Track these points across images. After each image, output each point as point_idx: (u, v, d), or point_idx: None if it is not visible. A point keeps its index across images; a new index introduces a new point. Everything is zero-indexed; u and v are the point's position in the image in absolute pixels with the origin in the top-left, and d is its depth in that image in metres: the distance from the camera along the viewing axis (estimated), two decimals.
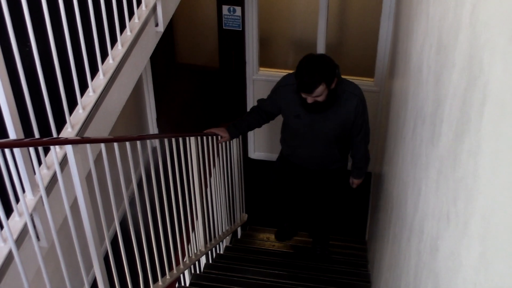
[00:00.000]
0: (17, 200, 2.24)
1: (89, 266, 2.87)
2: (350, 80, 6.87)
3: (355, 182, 4.68)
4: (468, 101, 1.18)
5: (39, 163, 2.37)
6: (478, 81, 1.10)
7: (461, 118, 1.24)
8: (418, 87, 2.25)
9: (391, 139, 3.77)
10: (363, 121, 4.09)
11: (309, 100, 3.78)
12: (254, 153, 7.13)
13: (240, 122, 4.47)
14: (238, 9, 6.37)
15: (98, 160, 2.74)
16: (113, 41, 2.93)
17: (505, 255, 0.82)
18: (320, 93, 3.69)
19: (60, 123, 2.52)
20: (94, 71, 2.76)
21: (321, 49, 6.43)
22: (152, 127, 7.08)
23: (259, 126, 4.55)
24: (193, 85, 7.70)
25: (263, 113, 4.40)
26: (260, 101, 4.43)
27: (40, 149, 2.38)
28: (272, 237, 5.67)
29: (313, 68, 3.64)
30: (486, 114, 1.02)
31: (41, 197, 2.30)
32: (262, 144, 7.01)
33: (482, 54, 1.09)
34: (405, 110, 2.82)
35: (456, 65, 1.38)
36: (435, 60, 1.79)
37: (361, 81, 6.53)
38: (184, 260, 4.22)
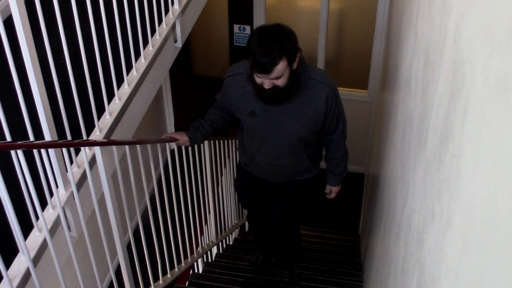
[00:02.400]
0: (51, 194, 2.25)
1: (113, 254, 2.87)
2: (347, 91, 6.81)
3: (333, 190, 3.48)
4: (451, 111, 1.18)
5: (71, 162, 2.38)
6: (461, 93, 1.10)
7: (445, 126, 1.24)
8: (407, 98, 2.24)
9: (383, 144, 3.77)
10: (339, 114, 2.99)
11: (267, 84, 2.61)
12: None
13: (201, 122, 3.21)
14: (248, 28, 6.40)
15: (122, 160, 2.74)
16: (137, 55, 2.94)
17: (484, 246, 0.82)
18: (280, 73, 2.56)
19: (90, 127, 2.53)
20: (120, 81, 2.77)
21: (320, 63, 6.43)
22: (170, 132, 7.09)
23: (226, 124, 3.31)
24: (207, 94, 7.72)
25: (222, 109, 3.22)
26: (216, 95, 3.26)
27: (72, 149, 2.39)
28: None
29: (271, 40, 2.52)
30: (468, 122, 1.02)
31: (72, 192, 2.31)
32: None
33: (465, 69, 1.09)
34: (395, 118, 2.81)
35: (441, 79, 1.38)
36: (422, 74, 1.79)
37: (356, 93, 6.56)
38: (198, 249, 4.23)
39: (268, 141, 3.02)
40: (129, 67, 2.86)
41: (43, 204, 2.23)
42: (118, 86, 2.75)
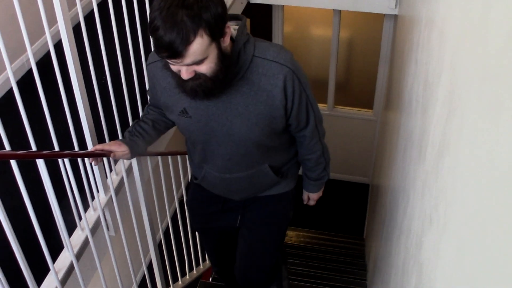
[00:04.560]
0: (93, 198, 2.26)
1: (146, 251, 2.88)
2: (355, 110, 6.70)
3: (312, 197, 2.38)
4: (448, 128, 1.18)
5: (110, 170, 2.40)
6: (456, 111, 1.10)
7: (442, 141, 1.24)
8: (408, 117, 2.24)
9: (386, 158, 3.75)
10: (307, 103, 1.90)
11: (185, 73, 1.58)
12: None
13: (140, 124, 2.08)
14: None
15: (155, 168, 2.76)
16: None
17: (477, 249, 0.82)
18: (200, 55, 1.52)
19: None
20: None
21: (331, 85, 6.42)
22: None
23: (171, 123, 2.14)
24: None
25: (156, 107, 2.12)
26: (148, 91, 2.14)
27: (111, 159, 2.41)
28: (290, 233, 5.64)
29: (180, 6, 1.45)
30: (463, 138, 1.01)
31: (111, 196, 2.33)
32: None
33: (460, 90, 1.09)
34: (398, 135, 2.80)
35: (439, 100, 1.37)
36: (422, 96, 1.79)
37: (362, 112, 6.53)
38: None
39: (212, 148, 1.97)
40: None
41: (86, 206, 2.25)
42: None
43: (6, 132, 1.66)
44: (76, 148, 2.14)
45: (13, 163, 1.67)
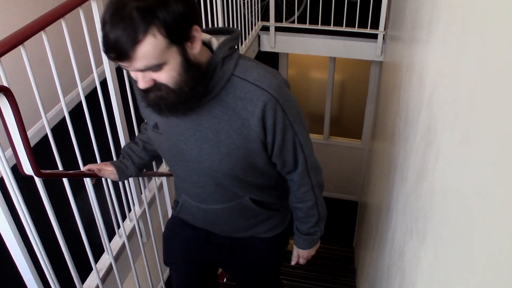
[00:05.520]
0: (129, 210, 2.27)
1: None
2: (346, 140, 6.68)
3: (302, 255, 1.71)
4: (426, 157, 1.18)
5: (145, 187, 2.40)
6: (433, 144, 1.11)
7: (421, 167, 1.24)
8: (392, 146, 2.24)
9: (372, 180, 3.74)
10: (294, 141, 1.28)
11: (141, 81, 1.07)
12: None
13: (130, 146, 1.65)
14: None
15: None
16: None
17: (450, 256, 0.82)
18: (153, 59, 1.01)
19: (159, 162, 2.55)
20: None
21: (327, 119, 6.43)
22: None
23: None
24: None
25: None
26: None
27: (145, 178, 2.42)
28: (291, 241, 5.57)
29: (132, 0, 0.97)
30: (438, 165, 1.02)
31: (145, 209, 2.33)
32: None
33: (436, 125, 1.09)
34: (382, 161, 2.80)
35: (418, 133, 1.38)
36: (403, 129, 1.79)
37: (352, 141, 6.53)
38: None
39: (183, 173, 1.41)
40: None
41: (123, 217, 2.26)
42: None
43: (59, 153, 1.68)
44: None
45: (64, 180, 1.69)
